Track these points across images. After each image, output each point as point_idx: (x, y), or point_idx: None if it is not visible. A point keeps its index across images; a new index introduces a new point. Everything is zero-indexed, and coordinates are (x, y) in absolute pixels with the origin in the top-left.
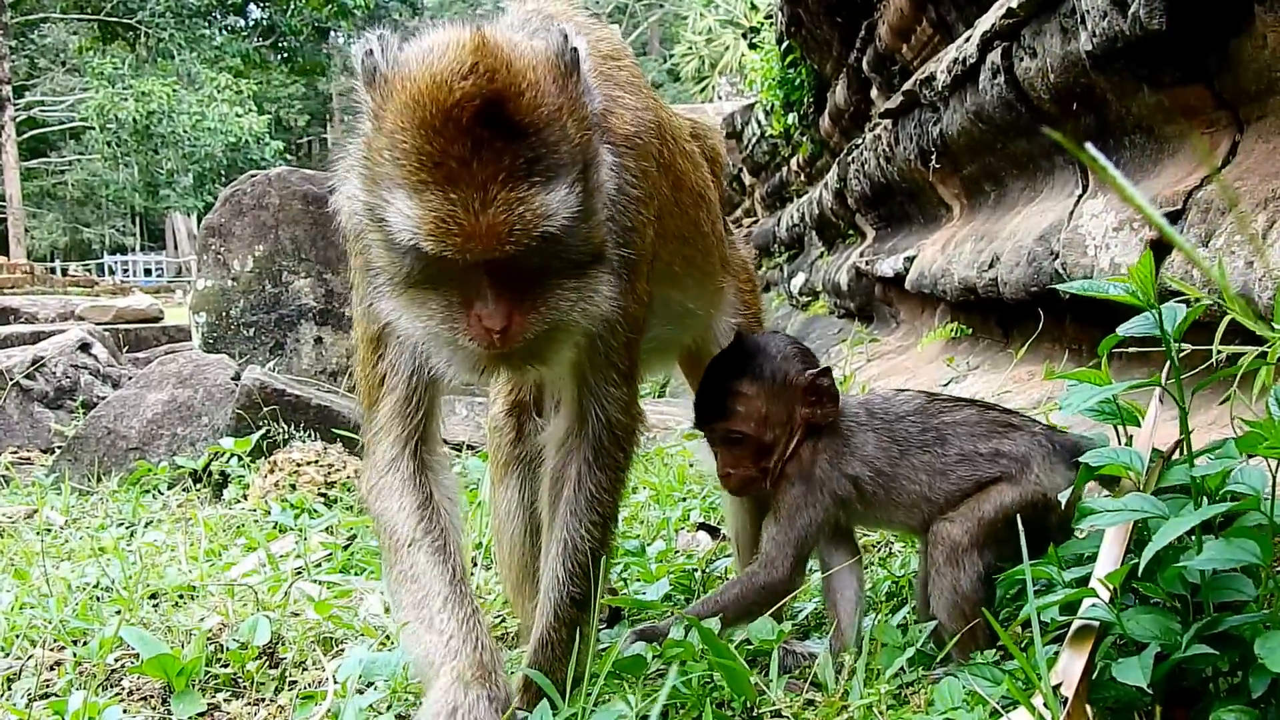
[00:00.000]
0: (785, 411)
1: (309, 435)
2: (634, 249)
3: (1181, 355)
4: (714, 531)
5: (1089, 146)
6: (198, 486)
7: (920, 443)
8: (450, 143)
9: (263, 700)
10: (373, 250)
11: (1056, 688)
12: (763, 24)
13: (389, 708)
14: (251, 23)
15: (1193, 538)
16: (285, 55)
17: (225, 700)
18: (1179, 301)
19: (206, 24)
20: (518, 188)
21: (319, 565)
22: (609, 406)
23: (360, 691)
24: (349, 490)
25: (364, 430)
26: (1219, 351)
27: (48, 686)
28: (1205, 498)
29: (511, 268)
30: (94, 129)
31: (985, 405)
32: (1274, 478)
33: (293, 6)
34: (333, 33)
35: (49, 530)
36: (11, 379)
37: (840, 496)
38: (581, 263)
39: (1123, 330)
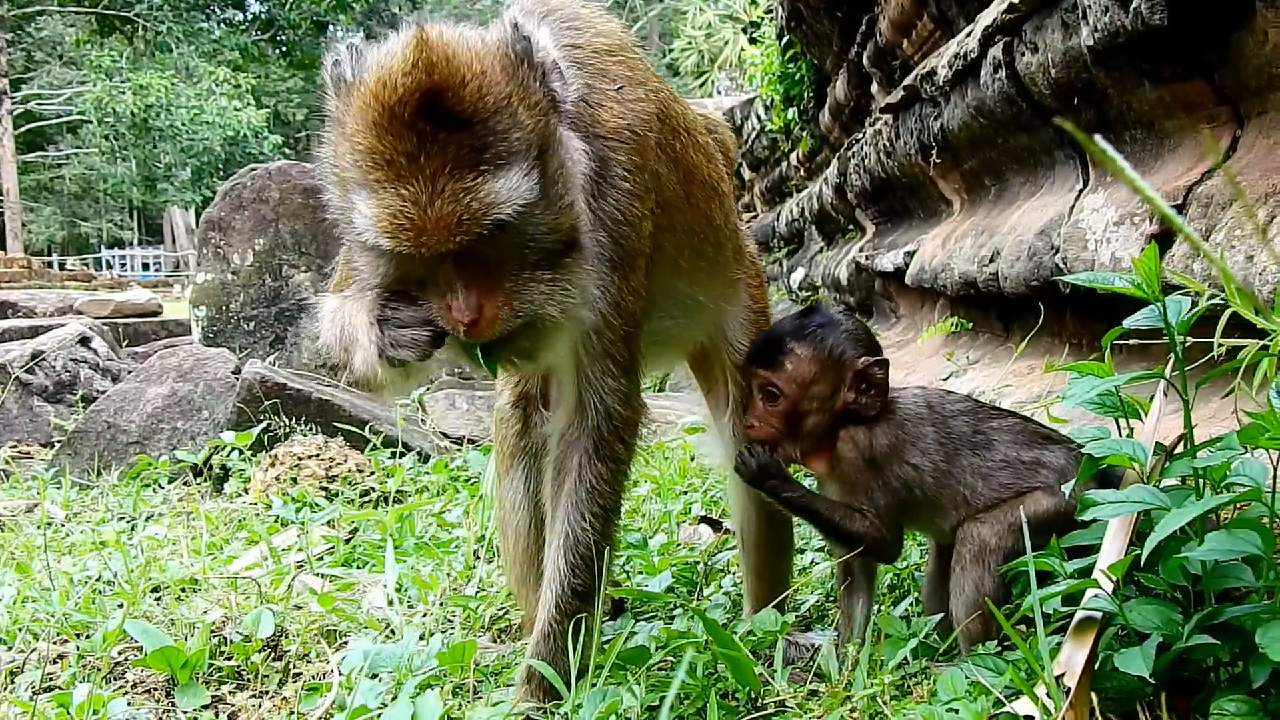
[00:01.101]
0: (830, 388)
1: (310, 429)
2: (627, 242)
3: (1183, 348)
4: (716, 525)
5: (1098, 138)
6: (198, 480)
7: (971, 444)
8: (397, 139)
9: (267, 693)
10: (354, 253)
11: (1059, 678)
12: (763, 19)
13: (394, 699)
14: (250, 16)
15: (1194, 529)
16: (284, 49)
17: (229, 693)
18: (1181, 295)
19: (205, 17)
20: (464, 178)
21: (321, 559)
22: (608, 399)
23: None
24: (350, 484)
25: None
26: (1220, 345)
27: (51, 679)
28: (1208, 489)
29: (476, 259)
30: (91, 122)
31: (1024, 418)
32: (1275, 469)
33: (291, 0)
34: (331, 26)
35: (50, 524)
36: (11, 373)
37: (905, 481)
38: (554, 251)
39: (1129, 323)
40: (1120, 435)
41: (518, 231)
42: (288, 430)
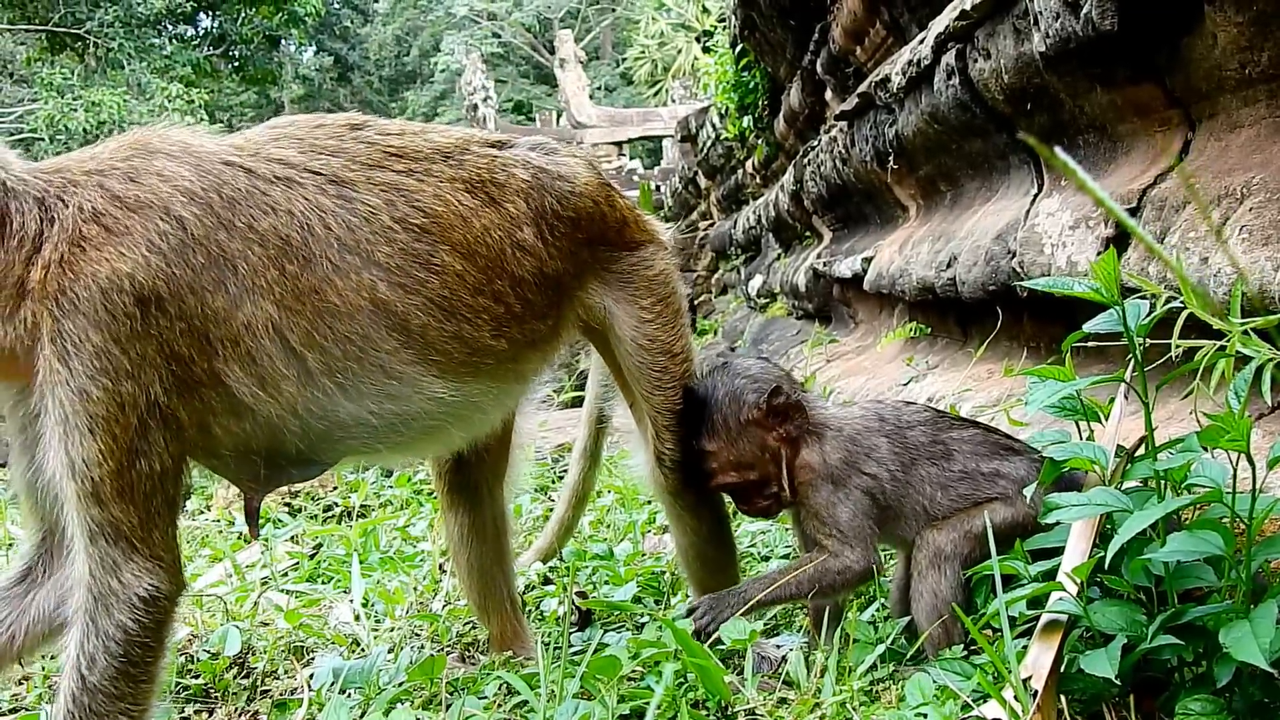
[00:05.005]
0: (758, 444)
1: None
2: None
3: (1141, 351)
4: None
5: (1058, 150)
6: None
7: (929, 454)
8: None
9: (236, 710)
10: None
11: (1026, 680)
12: (715, 28)
13: (364, 714)
14: (202, 32)
15: (1157, 531)
16: (236, 64)
17: (197, 711)
18: (1139, 298)
19: (156, 33)
20: None
21: (285, 574)
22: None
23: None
24: (313, 499)
25: None
26: (1177, 347)
27: (17, 701)
28: (1169, 491)
29: None
30: (43, 140)
31: (987, 428)
32: (1235, 470)
33: (243, 15)
34: (284, 41)
35: (11, 545)
36: None
37: (866, 489)
38: None
39: (1089, 327)
40: (1081, 438)
41: None
42: None
